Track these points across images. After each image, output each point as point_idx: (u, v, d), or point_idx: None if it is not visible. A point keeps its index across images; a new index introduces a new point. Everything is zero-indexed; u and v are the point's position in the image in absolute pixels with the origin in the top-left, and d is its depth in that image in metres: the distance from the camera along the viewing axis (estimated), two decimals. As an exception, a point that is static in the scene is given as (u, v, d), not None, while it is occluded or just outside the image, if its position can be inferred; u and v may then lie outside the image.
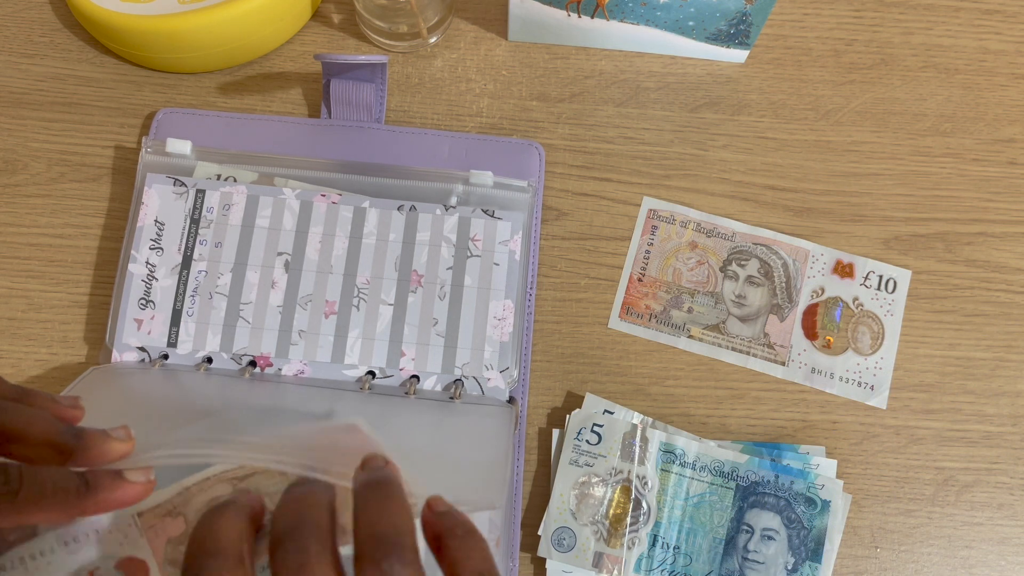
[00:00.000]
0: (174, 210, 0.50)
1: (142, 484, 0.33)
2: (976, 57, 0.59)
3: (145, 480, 0.33)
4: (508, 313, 0.49)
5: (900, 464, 0.51)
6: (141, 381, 0.46)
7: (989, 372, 0.53)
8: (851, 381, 0.52)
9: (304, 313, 0.49)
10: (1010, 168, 0.57)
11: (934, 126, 0.58)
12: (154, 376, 0.47)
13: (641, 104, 0.57)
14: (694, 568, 0.47)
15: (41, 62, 0.56)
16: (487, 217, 0.51)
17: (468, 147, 0.54)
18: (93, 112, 0.55)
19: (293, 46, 0.57)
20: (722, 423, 0.51)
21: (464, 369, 0.48)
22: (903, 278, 0.54)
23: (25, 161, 0.54)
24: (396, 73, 0.57)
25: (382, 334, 0.49)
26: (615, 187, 0.55)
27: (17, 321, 0.51)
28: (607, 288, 0.53)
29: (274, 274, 0.49)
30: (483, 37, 0.58)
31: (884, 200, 0.56)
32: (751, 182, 0.56)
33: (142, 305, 0.49)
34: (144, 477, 0.33)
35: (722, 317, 0.53)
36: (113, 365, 0.48)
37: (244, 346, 0.48)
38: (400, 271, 0.50)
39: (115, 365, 0.48)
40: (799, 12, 0.60)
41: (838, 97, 0.58)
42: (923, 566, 0.50)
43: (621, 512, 0.48)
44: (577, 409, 0.50)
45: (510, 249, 0.50)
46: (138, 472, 0.33)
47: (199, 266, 0.49)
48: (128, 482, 0.33)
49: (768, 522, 0.48)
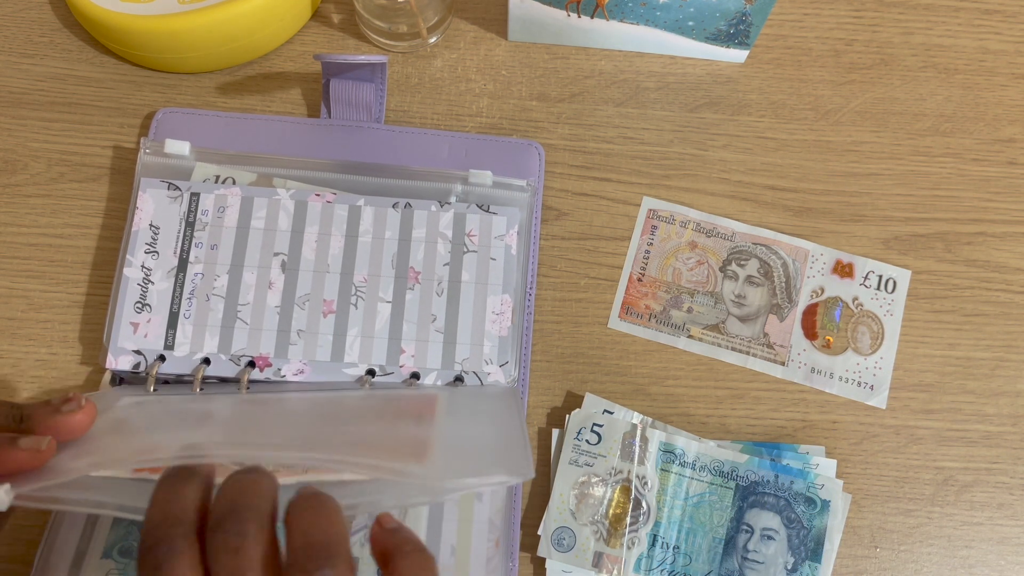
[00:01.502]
0: (169, 214, 0.50)
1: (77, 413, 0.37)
2: (976, 57, 0.59)
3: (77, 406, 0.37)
4: (506, 308, 0.49)
5: (900, 464, 0.51)
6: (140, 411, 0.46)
7: (989, 372, 0.53)
8: (851, 381, 0.52)
9: (302, 313, 0.49)
10: (1010, 168, 0.57)
11: (934, 126, 0.57)
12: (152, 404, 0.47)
13: (641, 104, 0.57)
14: (694, 568, 0.47)
15: (41, 62, 0.56)
16: (483, 212, 0.51)
17: (468, 147, 0.54)
18: (93, 112, 0.55)
19: (293, 46, 0.57)
20: (722, 423, 0.51)
21: (464, 364, 0.48)
22: (903, 278, 0.54)
23: (25, 161, 0.54)
24: (396, 73, 0.57)
25: (381, 332, 0.49)
26: (615, 187, 0.55)
27: (17, 321, 0.51)
28: (607, 288, 0.53)
29: (271, 275, 0.49)
30: (483, 37, 0.58)
31: (884, 200, 0.56)
32: (751, 182, 0.56)
33: (138, 309, 0.49)
34: (75, 406, 0.37)
35: (722, 317, 0.53)
36: (105, 395, 0.48)
37: (243, 347, 0.48)
38: (397, 268, 0.50)
39: (107, 395, 0.48)
40: (799, 12, 0.60)
41: (838, 97, 0.58)
42: (923, 566, 0.50)
43: (621, 512, 0.48)
44: (577, 409, 0.50)
45: (506, 244, 0.50)
46: (70, 403, 0.37)
47: (195, 269, 0.49)
48: (62, 414, 0.36)
49: (768, 522, 0.48)
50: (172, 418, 0.43)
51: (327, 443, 0.39)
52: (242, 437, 0.40)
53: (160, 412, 0.44)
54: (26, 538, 0.47)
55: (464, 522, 0.46)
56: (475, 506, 0.46)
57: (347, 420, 0.43)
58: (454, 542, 0.45)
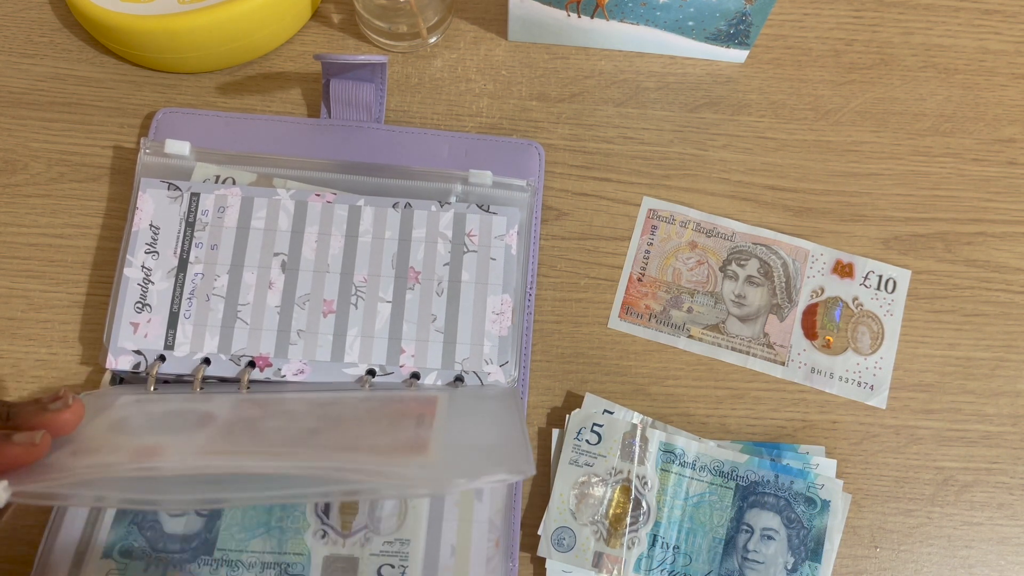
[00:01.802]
0: (169, 214, 0.50)
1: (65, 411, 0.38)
2: (976, 57, 0.59)
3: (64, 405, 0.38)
4: (506, 308, 0.49)
5: (900, 464, 0.51)
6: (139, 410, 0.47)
7: (989, 372, 0.53)
8: (851, 381, 0.52)
9: (302, 313, 0.49)
10: (1010, 168, 0.57)
11: (934, 126, 0.57)
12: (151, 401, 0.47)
13: (641, 104, 0.57)
14: (694, 568, 0.47)
15: (41, 62, 0.56)
16: (482, 212, 0.51)
17: (468, 147, 0.54)
18: (93, 112, 0.55)
19: (293, 46, 0.57)
20: (722, 423, 0.51)
21: (464, 364, 0.48)
22: (903, 278, 0.54)
23: (25, 161, 0.54)
24: (396, 73, 0.57)
25: (381, 332, 0.49)
26: (615, 187, 0.55)
27: (17, 321, 0.51)
28: (607, 288, 0.53)
29: (271, 275, 0.49)
30: (483, 37, 0.58)
31: (884, 200, 0.56)
32: (751, 182, 0.56)
33: (138, 309, 0.49)
34: (63, 404, 0.38)
35: (722, 317, 0.53)
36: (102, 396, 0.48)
37: (243, 347, 0.48)
38: (397, 268, 0.50)
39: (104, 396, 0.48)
40: (799, 12, 0.60)
41: (838, 97, 0.58)
42: (923, 566, 0.50)
43: (621, 512, 0.48)
44: (577, 409, 0.50)
45: (506, 244, 0.50)
46: (58, 401, 0.38)
47: (195, 269, 0.49)
48: (50, 412, 0.37)
49: (768, 522, 0.48)
50: (171, 418, 0.43)
51: (327, 445, 0.39)
52: (236, 442, 0.40)
53: (160, 411, 0.44)
54: (26, 538, 0.47)
55: (464, 522, 0.46)
56: (475, 506, 0.46)
57: (347, 421, 0.43)
58: (454, 542, 0.45)
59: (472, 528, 0.46)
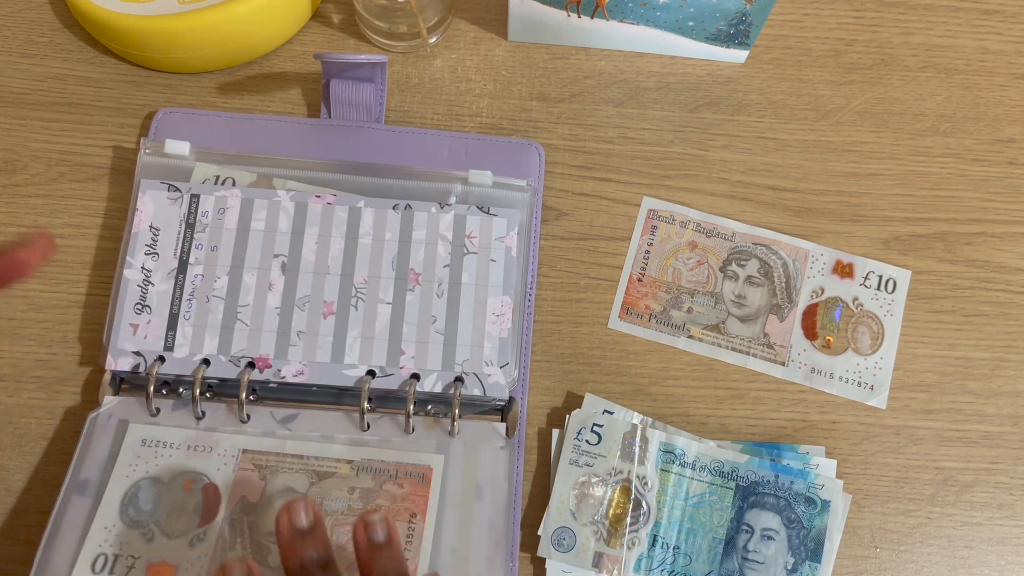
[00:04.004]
0: (169, 215, 0.50)
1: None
2: (976, 57, 0.59)
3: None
4: (506, 309, 0.49)
5: (900, 464, 0.51)
6: None
7: (989, 372, 0.53)
8: (851, 381, 0.52)
9: (302, 314, 0.49)
10: (1010, 168, 0.57)
11: (934, 126, 0.57)
12: None
13: (641, 104, 0.57)
14: (694, 568, 0.47)
15: (41, 62, 0.56)
16: (483, 214, 0.51)
17: (468, 147, 0.54)
18: (93, 112, 0.55)
19: (293, 46, 0.57)
20: (722, 423, 0.51)
21: (464, 366, 0.48)
22: (903, 278, 0.54)
23: (25, 161, 0.54)
24: (396, 73, 0.57)
25: (381, 333, 0.49)
26: (615, 187, 0.55)
27: (17, 321, 0.51)
28: (607, 288, 0.53)
29: (271, 276, 0.49)
30: (483, 37, 0.58)
31: (884, 200, 0.56)
32: (751, 182, 0.56)
33: (138, 310, 0.49)
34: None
35: (722, 317, 0.53)
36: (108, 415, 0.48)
37: (243, 348, 0.48)
38: (397, 270, 0.50)
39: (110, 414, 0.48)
40: (799, 12, 0.60)
41: (838, 97, 0.58)
42: (923, 566, 0.50)
43: (621, 512, 0.48)
44: (577, 409, 0.50)
45: (506, 245, 0.50)
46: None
47: (195, 270, 0.49)
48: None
49: (768, 522, 0.48)
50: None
51: None
52: None
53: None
54: (26, 538, 0.47)
55: (464, 522, 0.46)
56: (475, 506, 0.46)
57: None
58: (454, 542, 0.45)
59: (472, 528, 0.46)
